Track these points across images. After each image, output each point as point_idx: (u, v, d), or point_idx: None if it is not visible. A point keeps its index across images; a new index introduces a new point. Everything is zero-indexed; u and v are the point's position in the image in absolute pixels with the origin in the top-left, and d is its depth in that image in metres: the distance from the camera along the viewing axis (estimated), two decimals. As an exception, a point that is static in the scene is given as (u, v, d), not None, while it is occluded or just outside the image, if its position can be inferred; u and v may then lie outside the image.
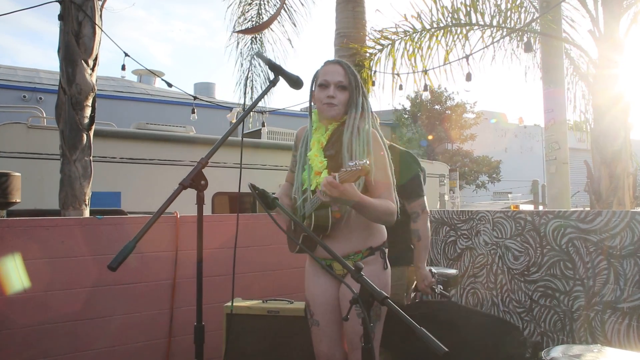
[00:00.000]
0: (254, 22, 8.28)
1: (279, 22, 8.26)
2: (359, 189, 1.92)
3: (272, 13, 8.09)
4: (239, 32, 7.57)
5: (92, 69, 4.56)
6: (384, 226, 2.19)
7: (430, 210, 4.33)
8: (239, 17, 8.31)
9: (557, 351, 2.03)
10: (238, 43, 8.64)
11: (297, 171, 2.24)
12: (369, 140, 2.06)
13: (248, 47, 8.69)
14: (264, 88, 8.39)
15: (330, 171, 2.08)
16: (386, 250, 2.19)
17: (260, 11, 8.31)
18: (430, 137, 22.06)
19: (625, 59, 5.30)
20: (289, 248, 2.34)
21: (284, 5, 7.97)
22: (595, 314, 3.06)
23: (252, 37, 8.61)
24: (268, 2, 8.33)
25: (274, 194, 1.91)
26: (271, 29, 8.41)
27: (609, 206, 5.14)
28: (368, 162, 1.69)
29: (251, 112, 9.20)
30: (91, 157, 4.51)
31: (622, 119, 5.26)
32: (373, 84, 6.68)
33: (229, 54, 8.54)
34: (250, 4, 8.34)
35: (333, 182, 1.73)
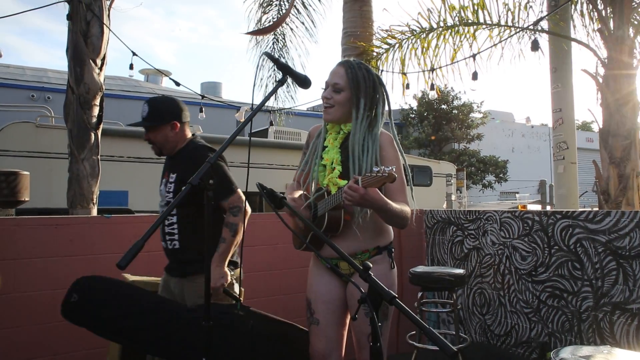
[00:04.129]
0: (262, 24, 8.35)
1: (302, 23, 8.34)
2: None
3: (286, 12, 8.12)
4: (249, 33, 7.60)
5: (100, 69, 4.60)
6: (390, 226, 2.19)
7: (438, 210, 4.33)
8: (259, 16, 8.41)
9: (566, 352, 2.01)
10: (258, 42, 8.73)
11: (309, 167, 2.22)
12: (374, 146, 2.05)
13: (270, 47, 8.79)
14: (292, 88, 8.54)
15: (344, 175, 2.08)
16: (393, 250, 2.18)
17: (280, 10, 8.38)
18: (432, 138, 22.00)
19: (634, 59, 5.26)
20: (293, 244, 2.33)
21: (304, 3, 8.05)
22: (603, 315, 3.04)
23: (274, 37, 8.71)
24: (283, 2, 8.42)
25: (282, 193, 1.91)
26: (291, 29, 8.51)
27: (618, 206, 5.10)
28: (394, 168, 1.68)
29: (275, 112, 9.34)
30: (99, 156, 4.54)
31: (631, 118, 5.22)
32: (380, 83, 6.68)
33: (251, 54, 8.67)
34: (270, 4, 8.42)
35: (354, 186, 1.73)
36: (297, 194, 2.25)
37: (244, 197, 2.35)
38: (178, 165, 2.45)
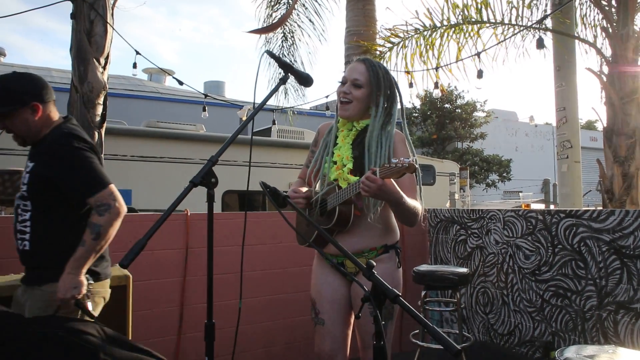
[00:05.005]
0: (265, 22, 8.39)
1: (310, 20, 8.38)
2: None
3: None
4: (251, 32, 7.62)
5: (104, 68, 4.60)
6: (396, 225, 2.19)
7: (441, 209, 4.32)
8: (267, 16, 8.45)
9: (570, 351, 2.01)
10: (268, 40, 8.80)
11: (320, 162, 2.22)
12: (388, 144, 2.06)
13: (279, 45, 8.85)
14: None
15: (355, 171, 2.08)
16: (400, 249, 2.19)
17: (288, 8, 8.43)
18: (434, 136, 22.00)
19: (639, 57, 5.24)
20: (297, 241, 2.33)
21: (314, 2, 8.11)
22: (607, 314, 3.03)
23: (283, 35, 8.76)
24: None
25: (285, 192, 1.91)
26: (299, 26, 8.57)
27: (622, 205, 5.08)
28: (415, 159, 1.70)
29: (279, 111, 9.38)
30: (102, 155, 4.54)
31: (636, 117, 5.20)
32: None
33: (261, 52, 8.75)
34: (278, 2, 8.47)
35: (372, 177, 1.76)
36: (304, 189, 2.24)
37: (118, 194, 1.99)
38: (38, 154, 2.04)
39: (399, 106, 2.19)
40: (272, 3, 8.50)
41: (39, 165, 2.00)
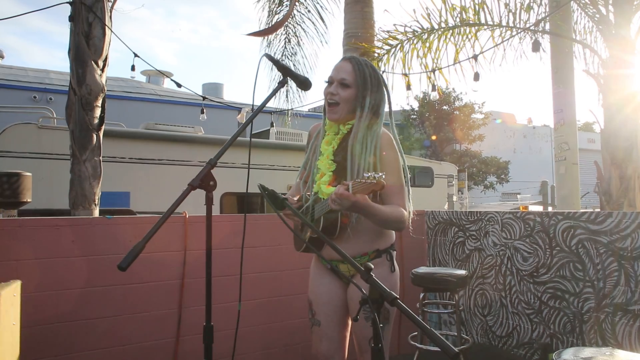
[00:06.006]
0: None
1: (312, 22, 8.40)
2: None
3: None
4: (250, 34, 7.63)
5: (102, 70, 4.60)
6: None
7: (439, 211, 4.32)
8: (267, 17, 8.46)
9: (568, 353, 2.01)
10: (270, 43, 8.80)
11: (309, 168, 2.20)
12: (376, 144, 2.01)
13: (282, 47, 8.86)
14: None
15: (336, 177, 2.05)
16: (394, 253, 2.16)
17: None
18: (434, 138, 22.03)
19: (636, 59, 5.25)
20: (294, 247, 2.32)
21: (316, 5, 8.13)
22: (605, 316, 3.03)
23: (286, 37, 8.76)
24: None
25: (283, 194, 1.91)
26: (304, 30, 8.58)
27: (620, 207, 5.09)
28: (384, 175, 1.64)
29: (278, 113, 9.36)
30: (101, 157, 4.54)
31: (633, 119, 5.21)
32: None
33: (261, 54, 8.74)
34: (280, 4, 8.48)
35: (344, 193, 1.69)
36: (296, 198, 2.23)
37: None
38: None
39: (387, 107, 2.12)
40: (275, 5, 8.52)
41: None
